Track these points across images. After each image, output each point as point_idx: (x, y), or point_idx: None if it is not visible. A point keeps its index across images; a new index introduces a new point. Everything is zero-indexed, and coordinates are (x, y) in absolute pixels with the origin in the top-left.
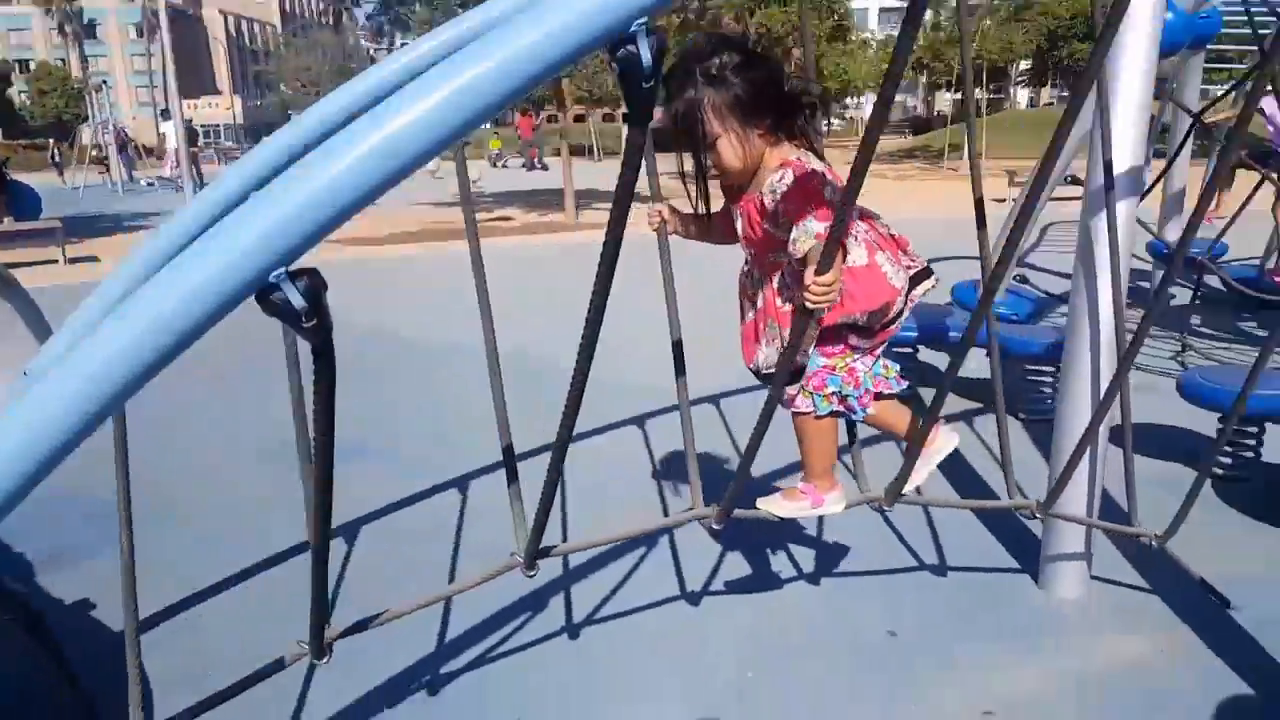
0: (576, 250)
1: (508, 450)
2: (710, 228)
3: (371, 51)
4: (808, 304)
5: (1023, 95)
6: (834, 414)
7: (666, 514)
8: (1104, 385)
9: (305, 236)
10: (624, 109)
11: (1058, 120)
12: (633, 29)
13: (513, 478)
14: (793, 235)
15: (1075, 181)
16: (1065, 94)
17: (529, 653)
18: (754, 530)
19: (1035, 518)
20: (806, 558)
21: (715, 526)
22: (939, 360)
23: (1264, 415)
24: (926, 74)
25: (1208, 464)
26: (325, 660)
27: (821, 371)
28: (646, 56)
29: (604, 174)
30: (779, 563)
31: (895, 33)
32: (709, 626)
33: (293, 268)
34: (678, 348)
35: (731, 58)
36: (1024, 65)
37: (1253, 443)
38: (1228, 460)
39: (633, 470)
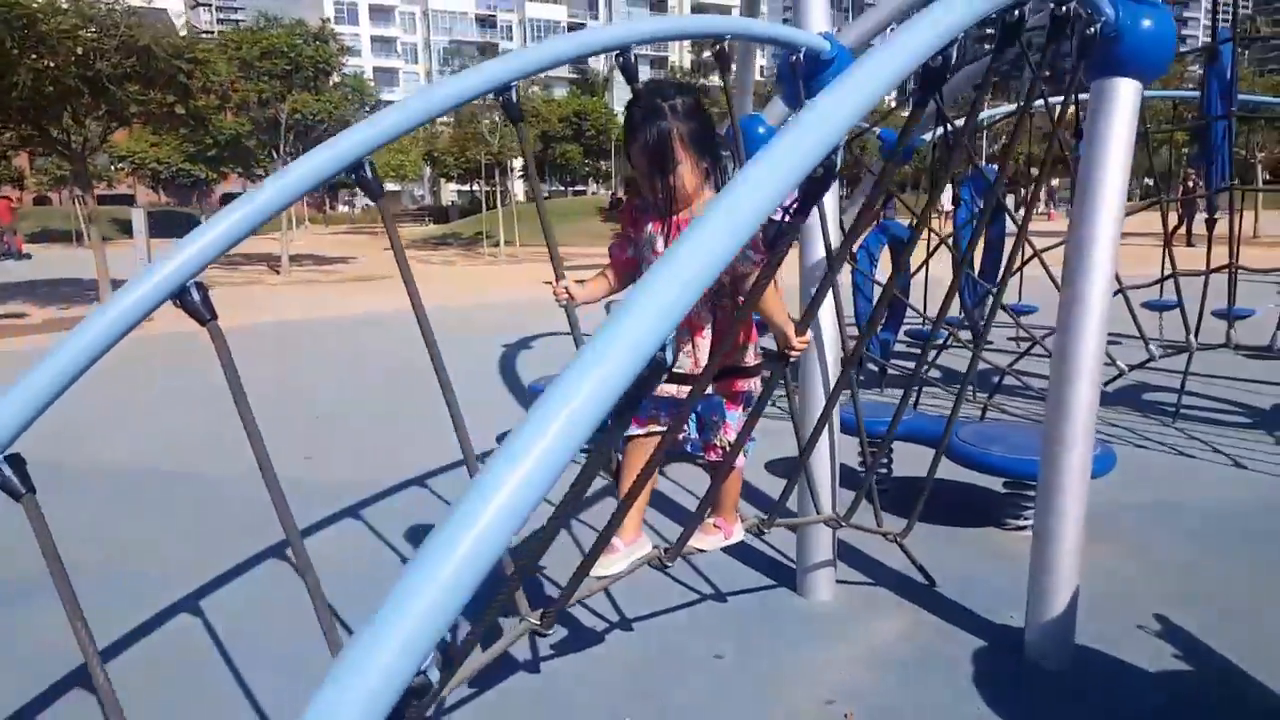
0: (145, 343)
1: None
2: (607, 279)
3: None
4: (790, 356)
5: (519, 188)
6: None
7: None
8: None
9: None
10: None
11: (563, 210)
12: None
13: None
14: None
15: None
16: (558, 187)
17: None
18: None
19: (840, 526)
20: (608, 611)
21: (668, 564)
22: None
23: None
24: (434, 166)
25: (869, 478)
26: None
27: (742, 423)
28: None
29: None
30: (592, 618)
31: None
32: (561, 685)
33: None
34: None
35: (691, 99)
36: (518, 162)
37: (888, 461)
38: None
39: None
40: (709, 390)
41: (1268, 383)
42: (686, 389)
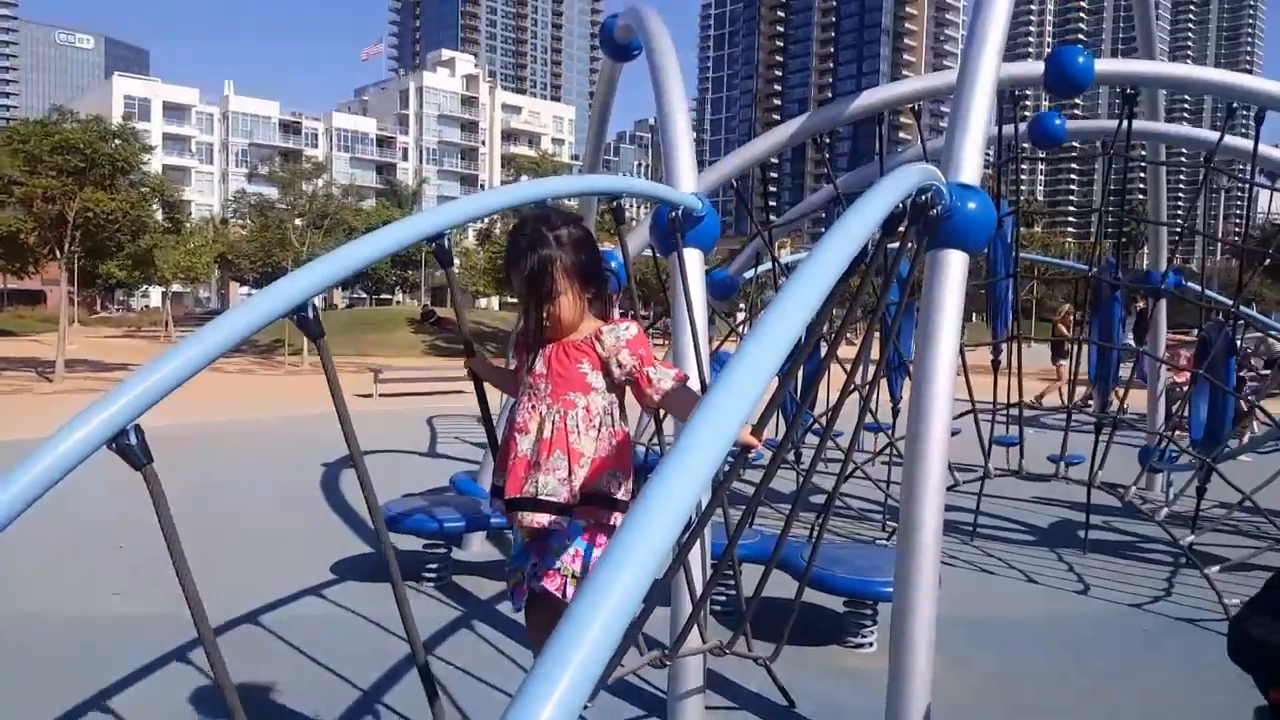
0: None
1: None
2: (506, 378)
3: None
4: (750, 456)
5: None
6: None
7: None
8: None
9: None
10: None
11: (370, 320)
12: None
13: None
14: (654, 376)
15: None
16: (361, 295)
17: None
18: None
19: (724, 654)
20: None
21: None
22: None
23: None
24: (228, 268)
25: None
26: None
27: (593, 562)
28: None
29: None
30: None
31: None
32: None
33: None
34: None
35: (579, 231)
36: None
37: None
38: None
39: None
40: (564, 521)
41: (1047, 502)
42: (563, 519)
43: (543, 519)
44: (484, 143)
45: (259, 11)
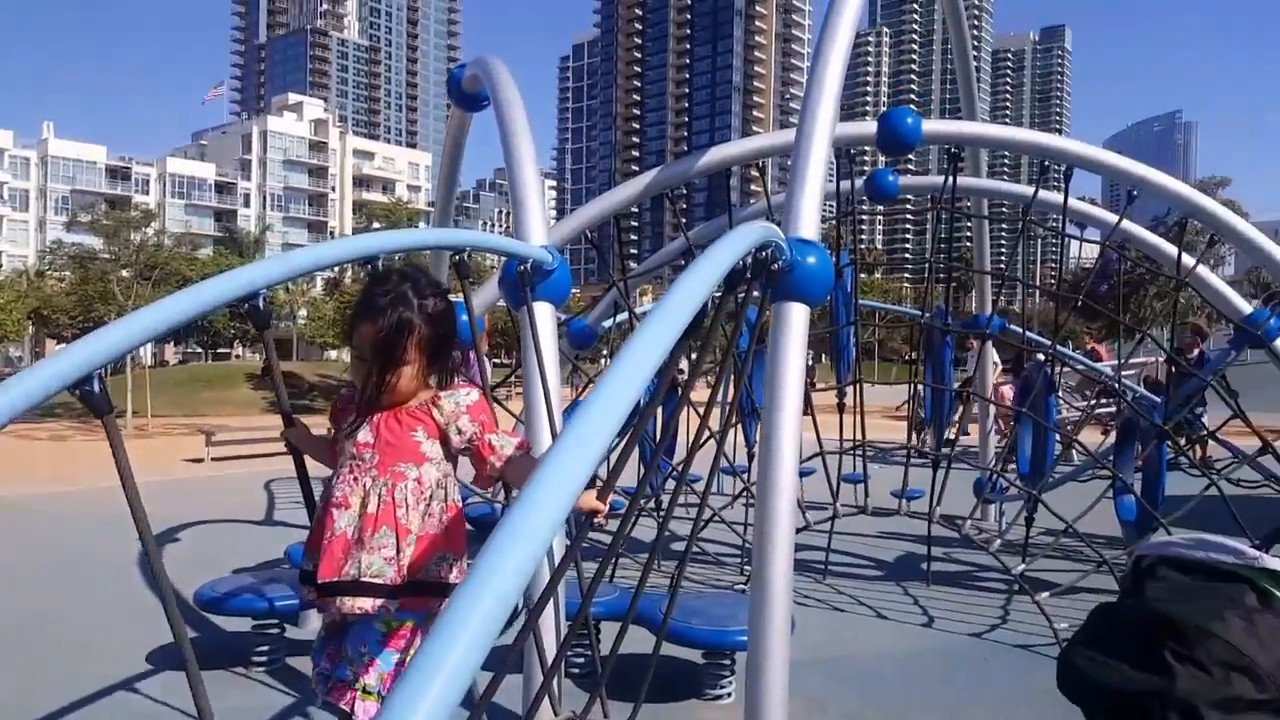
0: None
1: None
2: (325, 448)
3: None
4: (596, 522)
5: (147, 350)
6: None
7: None
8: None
9: None
10: None
11: (207, 376)
12: None
13: None
14: (496, 444)
15: None
16: (195, 349)
17: None
18: None
19: None
20: None
21: None
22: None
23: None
24: (43, 324)
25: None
26: None
27: (392, 678)
28: None
29: None
30: None
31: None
32: None
33: None
34: None
35: (441, 304)
36: None
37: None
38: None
39: None
40: (392, 606)
41: (893, 536)
42: (391, 604)
43: (365, 604)
44: (334, 189)
45: (85, 53)
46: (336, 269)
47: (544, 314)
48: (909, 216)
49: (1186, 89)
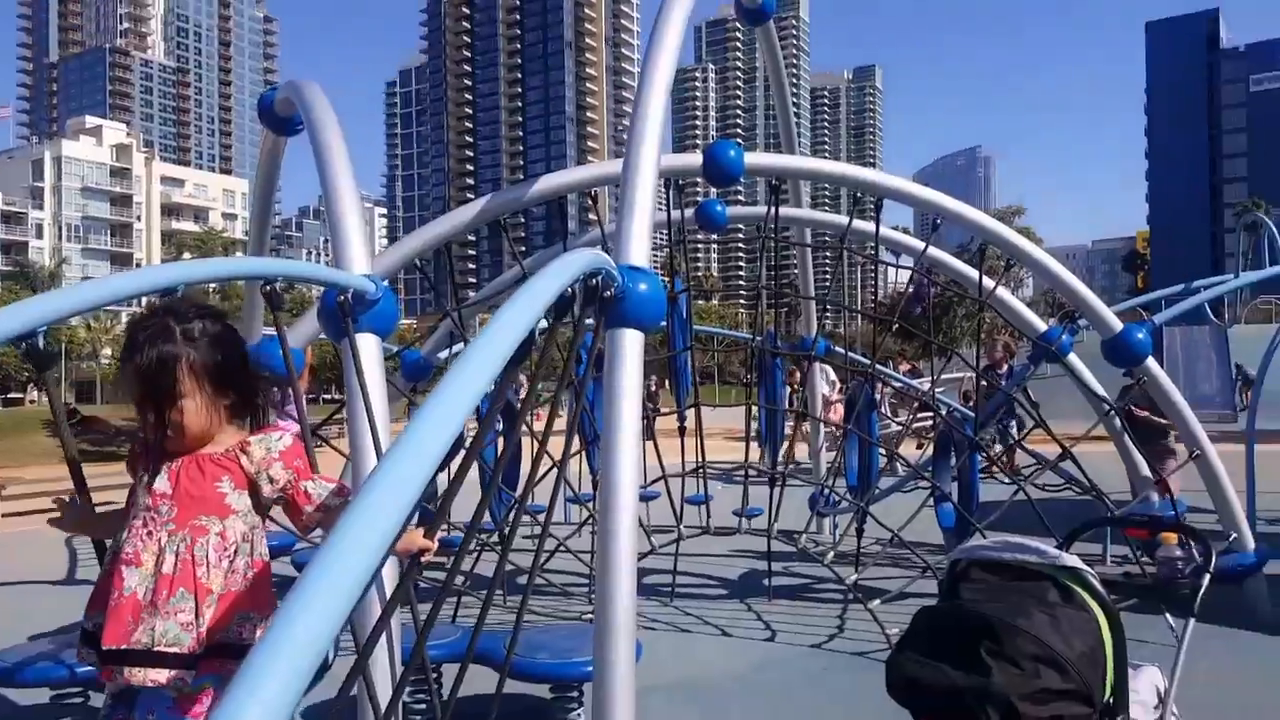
0: None
1: None
2: (117, 522)
3: None
4: (422, 561)
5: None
6: None
7: None
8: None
9: None
10: None
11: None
12: None
13: None
14: (312, 492)
15: None
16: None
17: None
18: None
19: None
20: None
21: None
22: None
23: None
24: None
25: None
26: None
27: None
28: None
29: None
30: None
31: None
32: None
33: None
34: None
35: (215, 325)
36: None
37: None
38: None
39: None
40: (188, 677)
41: (737, 554)
42: (188, 675)
43: (159, 676)
44: (140, 218)
45: None
46: (136, 303)
47: (368, 346)
48: (740, 246)
49: (987, 126)
